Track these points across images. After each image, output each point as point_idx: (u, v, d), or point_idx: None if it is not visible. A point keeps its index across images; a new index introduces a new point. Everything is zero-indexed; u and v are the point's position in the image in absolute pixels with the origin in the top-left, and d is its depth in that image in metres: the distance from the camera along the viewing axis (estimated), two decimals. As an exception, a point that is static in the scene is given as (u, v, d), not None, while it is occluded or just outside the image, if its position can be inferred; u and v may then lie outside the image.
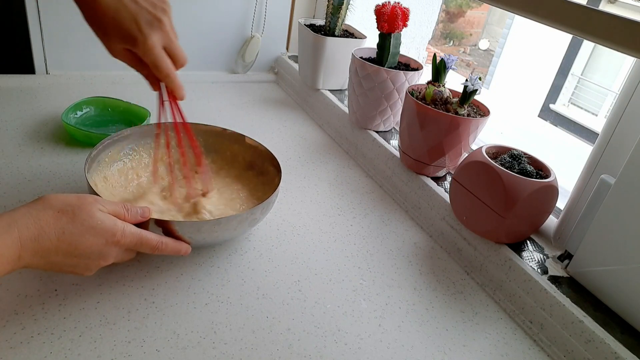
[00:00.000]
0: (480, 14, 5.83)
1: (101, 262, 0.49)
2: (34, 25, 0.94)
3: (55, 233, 0.45)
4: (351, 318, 0.57)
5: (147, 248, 0.52)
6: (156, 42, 0.52)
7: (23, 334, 0.48)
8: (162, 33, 0.53)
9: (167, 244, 0.53)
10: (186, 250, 0.56)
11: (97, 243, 0.47)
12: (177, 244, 0.55)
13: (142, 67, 0.56)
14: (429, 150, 0.76)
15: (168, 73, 0.55)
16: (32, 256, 0.44)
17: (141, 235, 0.51)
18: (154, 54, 0.53)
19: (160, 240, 0.53)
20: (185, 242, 0.56)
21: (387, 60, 0.89)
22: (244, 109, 1.08)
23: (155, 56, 0.53)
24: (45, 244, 0.44)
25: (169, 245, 0.54)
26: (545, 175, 0.64)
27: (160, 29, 0.53)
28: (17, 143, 0.78)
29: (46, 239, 0.44)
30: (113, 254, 0.50)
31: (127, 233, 0.50)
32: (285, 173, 0.85)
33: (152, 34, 0.52)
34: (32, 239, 0.44)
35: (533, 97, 4.41)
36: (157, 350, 0.49)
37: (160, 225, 0.54)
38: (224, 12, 1.13)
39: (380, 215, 0.79)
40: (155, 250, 0.53)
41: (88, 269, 0.49)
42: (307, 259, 0.66)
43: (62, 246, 0.45)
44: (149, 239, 0.52)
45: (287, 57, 1.25)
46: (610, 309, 0.58)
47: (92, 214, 0.47)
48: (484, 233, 0.66)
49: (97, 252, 0.48)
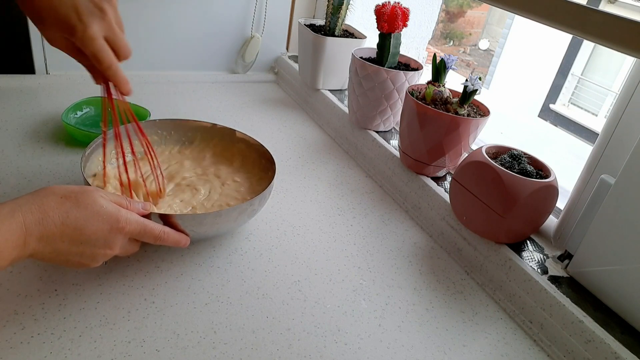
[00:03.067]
0: (480, 14, 5.83)
1: (107, 252, 0.49)
2: (34, 25, 0.94)
3: (60, 217, 0.45)
4: (351, 318, 0.57)
5: (150, 237, 0.52)
6: (97, 32, 0.49)
7: (23, 334, 0.48)
8: (104, 23, 0.50)
9: (169, 234, 0.54)
10: (186, 242, 0.56)
11: (102, 229, 0.47)
12: (178, 234, 0.55)
13: (83, 58, 0.52)
14: (429, 150, 0.76)
15: (109, 65, 0.51)
16: (37, 241, 0.44)
17: (145, 224, 0.52)
18: (94, 45, 0.49)
19: (162, 230, 0.53)
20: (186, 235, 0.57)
21: (387, 60, 0.89)
22: (244, 109, 1.08)
23: (96, 47, 0.49)
24: (50, 228, 0.44)
25: (171, 235, 0.54)
26: (545, 175, 0.64)
27: (102, 19, 0.49)
28: (17, 143, 0.79)
29: (51, 222, 0.44)
30: (118, 242, 0.50)
31: (130, 220, 0.50)
32: (285, 173, 0.85)
33: (93, 23, 0.48)
34: (36, 222, 0.43)
35: (533, 97, 4.40)
36: (157, 350, 0.49)
37: (163, 219, 0.55)
38: (224, 12, 1.13)
39: (380, 215, 0.79)
40: (158, 239, 0.53)
41: (94, 259, 0.49)
42: (307, 259, 0.66)
43: (68, 231, 0.45)
44: (152, 228, 0.52)
45: (287, 57, 1.25)
46: (610, 309, 0.58)
47: (95, 200, 0.48)
48: (484, 233, 0.66)
49: (102, 239, 0.48)
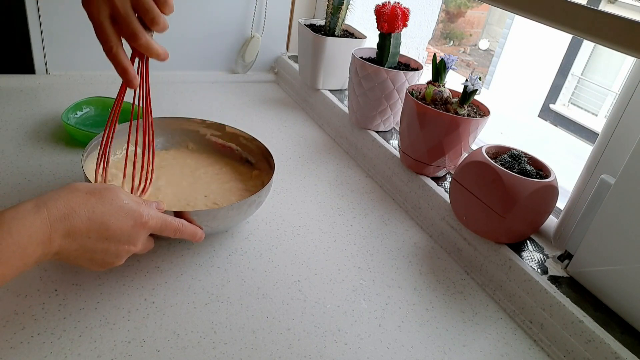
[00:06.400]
0: (480, 14, 5.83)
1: (131, 248, 0.50)
2: (34, 25, 0.94)
3: (86, 213, 0.45)
4: (351, 318, 0.57)
5: (171, 230, 0.54)
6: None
7: (23, 334, 0.48)
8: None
9: (187, 226, 0.56)
10: (201, 235, 0.58)
11: (127, 224, 0.48)
12: (194, 227, 0.57)
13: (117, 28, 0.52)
14: (429, 150, 0.76)
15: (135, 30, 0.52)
16: (63, 238, 0.44)
17: (165, 218, 0.53)
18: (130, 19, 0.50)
19: (180, 222, 0.55)
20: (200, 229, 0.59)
21: (387, 60, 0.89)
22: (244, 109, 1.08)
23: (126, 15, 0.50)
24: (76, 224, 0.44)
25: (188, 228, 0.56)
26: (545, 175, 0.64)
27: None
28: (17, 143, 0.79)
29: (77, 218, 0.44)
30: (141, 238, 0.51)
31: (152, 215, 0.51)
32: (285, 173, 0.85)
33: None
34: (62, 218, 0.43)
35: (533, 97, 4.40)
36: (157, 350, 0.49)
37: (178, 216, 0.56)
38: (224, 12, 1.13)
39: (380, 215, 0.79)
40: (177, 232, 0.54)
41: (118, 256, 0.50)
42: (307, 259, 0.66)
43: (94, 227, 0.46)
44: (171, 221, 0.54)
45: (287, 57, 1.25)
46: (610, 309, 0.58)
47: (118, 196, 0.49)
48: (484, 233, 0.66)
49: (126, 234, 0.48)
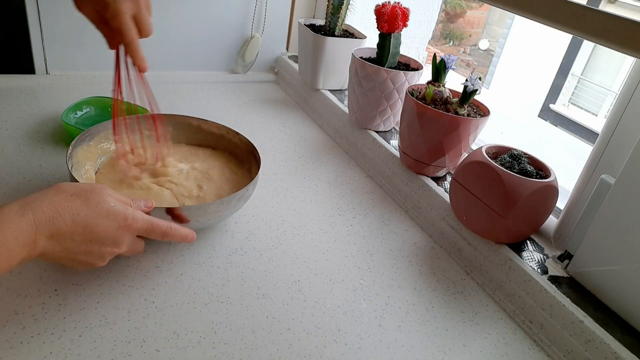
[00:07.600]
0: (480, 14, 5.82)
1: (115, 250, 0.50)
2: (34, 25, 0.94)
3: (70, 215, 0.45)
4: (351, 318, 0.57)
5: (158, 233, 0.53)
6: (127, 10, 0.55)
7: (23, 334, 0.48)
8: (134, 3, 0.55)
9: (175, 229, 0.54)
10: (192, 236, 0.57)
11: (111, 227, 0.48)
12: (185, 229, 0.56)
13: (105, 28, 0.58)
14: (429, 150, 0.76)
15: (131, 40, 0.56)
16: (47, 240, 0.44)
17: (151, 220, 0.52)
18: (122, 20, 0.55)
19: (169, 226, 0.54)
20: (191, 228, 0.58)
21: (387, 60, 0.89)
22: (244, 109, 1.08)
23: (123, 23, 0.55)
24: (60, 227, 0.44)
25: (178, 230, 0.55)
26: (545, 175, 0.64)
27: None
28: (17, 143, 0.78)
29: (61, 221, 0.44)
30: (125, 240, 0.50)
31: (137, 217, 0.50)
32: (285, 173, 0.85)
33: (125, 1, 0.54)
34: (47, 220, 0.44)
35: (533, 97, 4.40)
36: (157, 350, 0.49)
37: (169, 212, 0.55)
38: (224, 12, 1.13)
39: (380, 215, 0.79)
40: (165, 235, 0.53)
41: (102, 258, 0.49)
42: (307, 259, 0.66)
43: (78, 229, 0.46)
44: (159, 224, 0.53)
45: (287, 57, 1.25)
46: (610, 309, 0.58)
47: (104, 198, 0.48)
48: (484, 233, 0.66)
49: (110, 237, 0.48)
